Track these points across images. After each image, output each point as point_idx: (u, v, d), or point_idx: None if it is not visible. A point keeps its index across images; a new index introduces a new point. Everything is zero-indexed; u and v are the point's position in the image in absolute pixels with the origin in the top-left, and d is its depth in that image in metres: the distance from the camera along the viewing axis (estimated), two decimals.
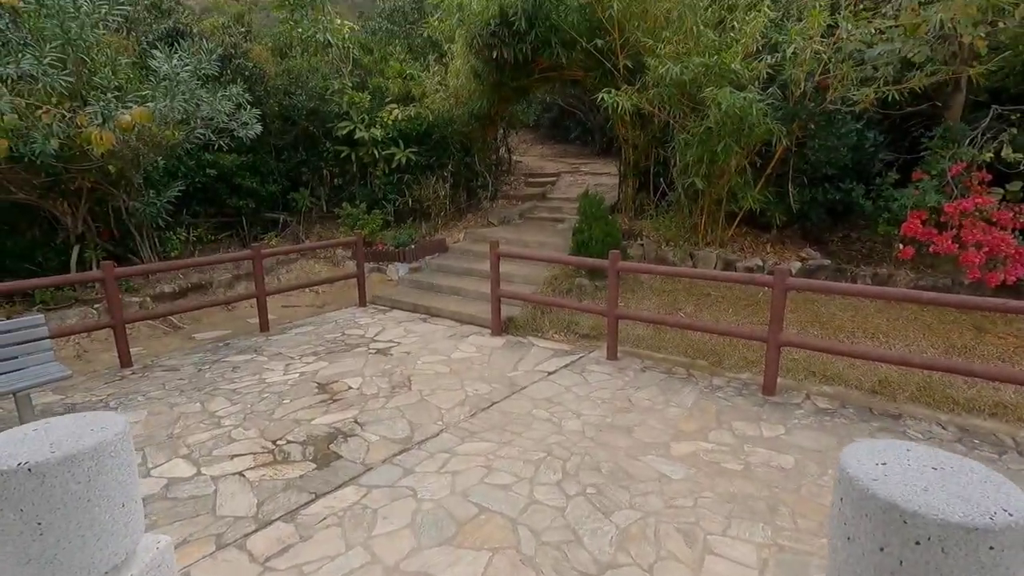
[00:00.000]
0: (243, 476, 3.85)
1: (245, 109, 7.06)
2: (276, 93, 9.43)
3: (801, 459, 4.01)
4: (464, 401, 5.05)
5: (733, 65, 6.04)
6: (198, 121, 6.63)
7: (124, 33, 8.45)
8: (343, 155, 10.07)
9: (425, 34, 12.33)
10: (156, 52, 6.13)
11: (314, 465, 4.00)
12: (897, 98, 6.23)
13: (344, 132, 9.73)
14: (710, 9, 7.01)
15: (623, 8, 7.45)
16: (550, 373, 5.71)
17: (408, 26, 12.17)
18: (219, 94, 6.52)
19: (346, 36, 9.99)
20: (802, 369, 5.55)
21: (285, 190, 10.37)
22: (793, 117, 6.49)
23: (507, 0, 7.77)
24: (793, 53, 6.02)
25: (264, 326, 7.30)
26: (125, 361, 6.05)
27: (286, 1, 8.41)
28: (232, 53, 8.96)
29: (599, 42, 7.59)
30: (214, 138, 7.00)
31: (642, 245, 8.10)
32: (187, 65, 6.20)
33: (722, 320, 6.62)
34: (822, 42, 5.97)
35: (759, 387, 5.22)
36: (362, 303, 8.50)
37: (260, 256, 7.14)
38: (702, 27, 6.51)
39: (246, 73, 8.91)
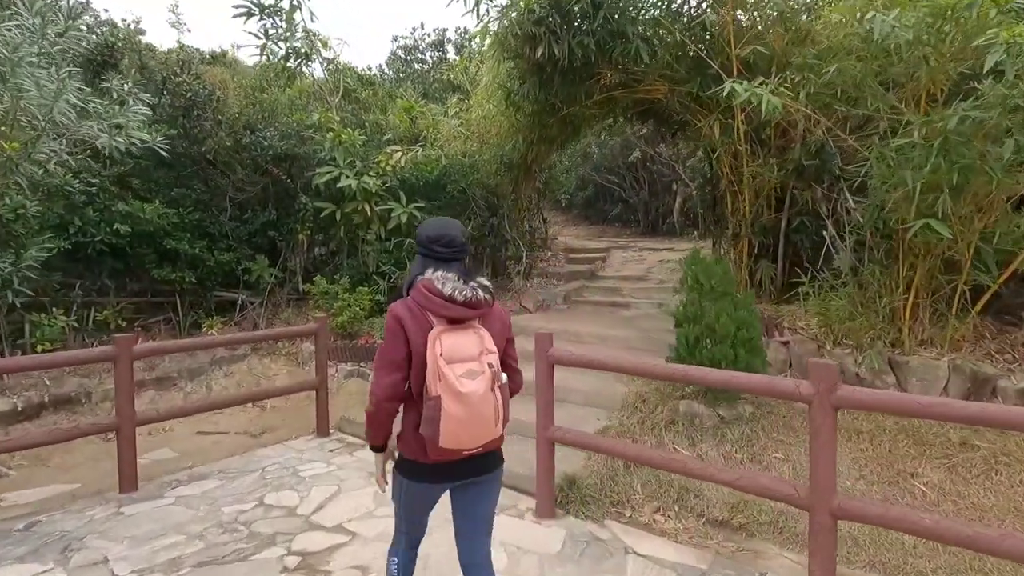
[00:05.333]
0: None
1: (124, 105, 4.34)
2: (233, 125, 6.85)
3: None
4: None
5: None
6: (41, 124, 3.88)
7: None
8: (324, 214, 7.28)
9: (445, 77, 10.05)
10: None
11: None
12: None
13: (324, 180, 7.00)
14: None
15: None
16: None
17: (421, 66, 9.88)
18: (61, 74, 3.75)
19: (336, 53, 7.62)
20: None
21: (242, 259, 7.51)
22: None
23: None
24: None
25: (128, 482, 4.06)
26: None
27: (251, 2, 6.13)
28: (175, 72, 6.52)
29: (710, 17, 4.82)
30: (67, 155, 4.23)
31: (785, 344, 4.82)
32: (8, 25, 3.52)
33: None
34: None
35: None
36: (321, 431, 5.27)
37: (130, 356, 4.06)
38: None
39: (188, 95, 6.39)
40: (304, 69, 6.94)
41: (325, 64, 7.13)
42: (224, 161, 7.02)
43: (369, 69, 9.49)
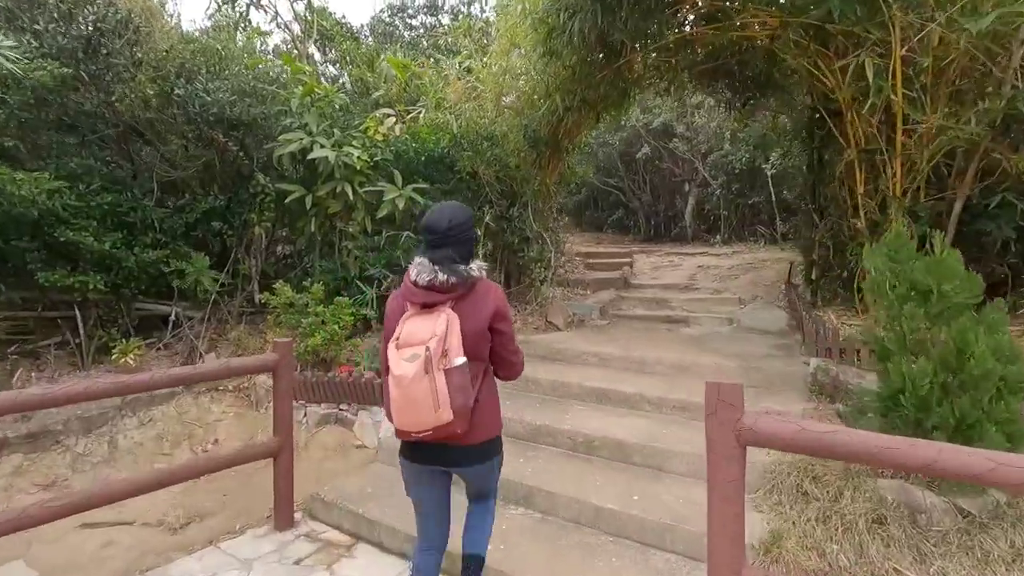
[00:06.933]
0: None
1: None
2: (160, 67, 4.89)
3: None
4: None
5: None
6: None
7: None
8: (290, 199, 5.38)
9: (441, 43, 8.29)
10: None
11: None
12: None
13: (291, 152, 5.13)
14: None
15: None
16: None
17: (411, 32, 8.13)
18: None
19: None
20: None
21: (175, 259, 5.51)
22: None
23: None
24: None
25: None
26: None
27: None
28: None
29: None
30: None
31: None
32: None
33: None
34: None
35: None
36: (282, 520, 3.38)
37: None
38: None
39: (91, 19, 4.45)
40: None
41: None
42: (147, 121, 5.05)
43: (350, 29, 7.68)
